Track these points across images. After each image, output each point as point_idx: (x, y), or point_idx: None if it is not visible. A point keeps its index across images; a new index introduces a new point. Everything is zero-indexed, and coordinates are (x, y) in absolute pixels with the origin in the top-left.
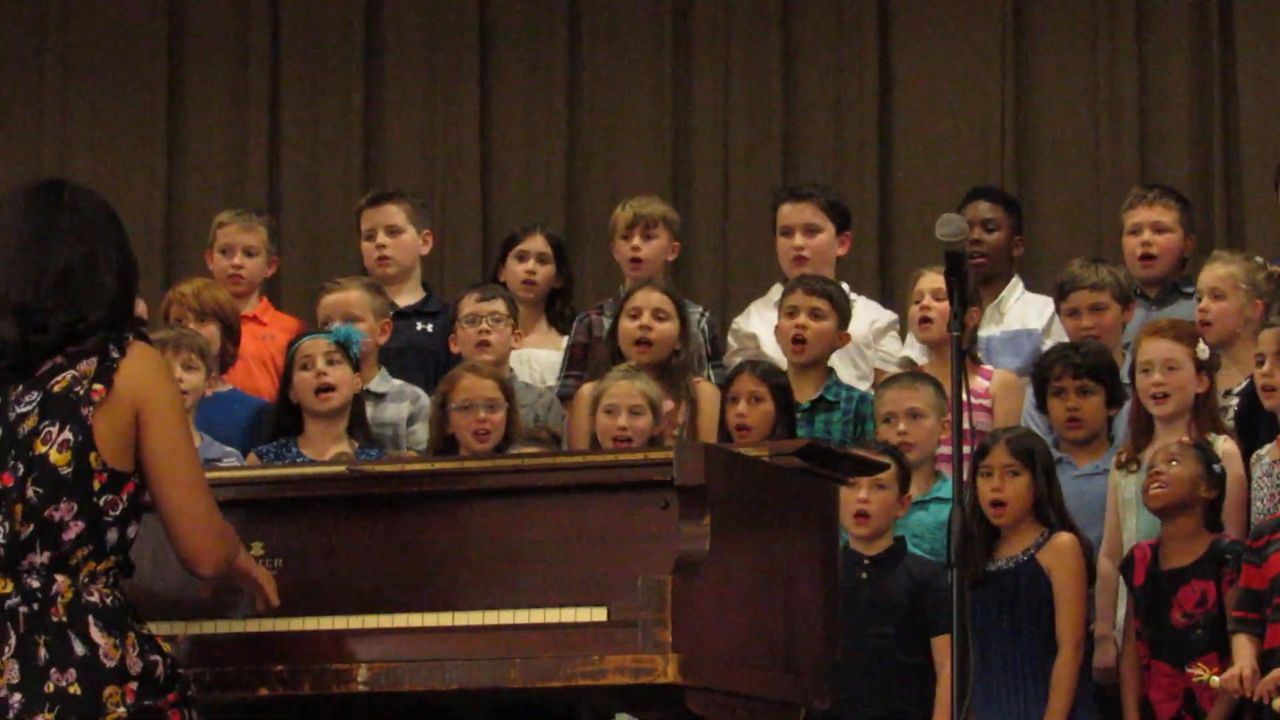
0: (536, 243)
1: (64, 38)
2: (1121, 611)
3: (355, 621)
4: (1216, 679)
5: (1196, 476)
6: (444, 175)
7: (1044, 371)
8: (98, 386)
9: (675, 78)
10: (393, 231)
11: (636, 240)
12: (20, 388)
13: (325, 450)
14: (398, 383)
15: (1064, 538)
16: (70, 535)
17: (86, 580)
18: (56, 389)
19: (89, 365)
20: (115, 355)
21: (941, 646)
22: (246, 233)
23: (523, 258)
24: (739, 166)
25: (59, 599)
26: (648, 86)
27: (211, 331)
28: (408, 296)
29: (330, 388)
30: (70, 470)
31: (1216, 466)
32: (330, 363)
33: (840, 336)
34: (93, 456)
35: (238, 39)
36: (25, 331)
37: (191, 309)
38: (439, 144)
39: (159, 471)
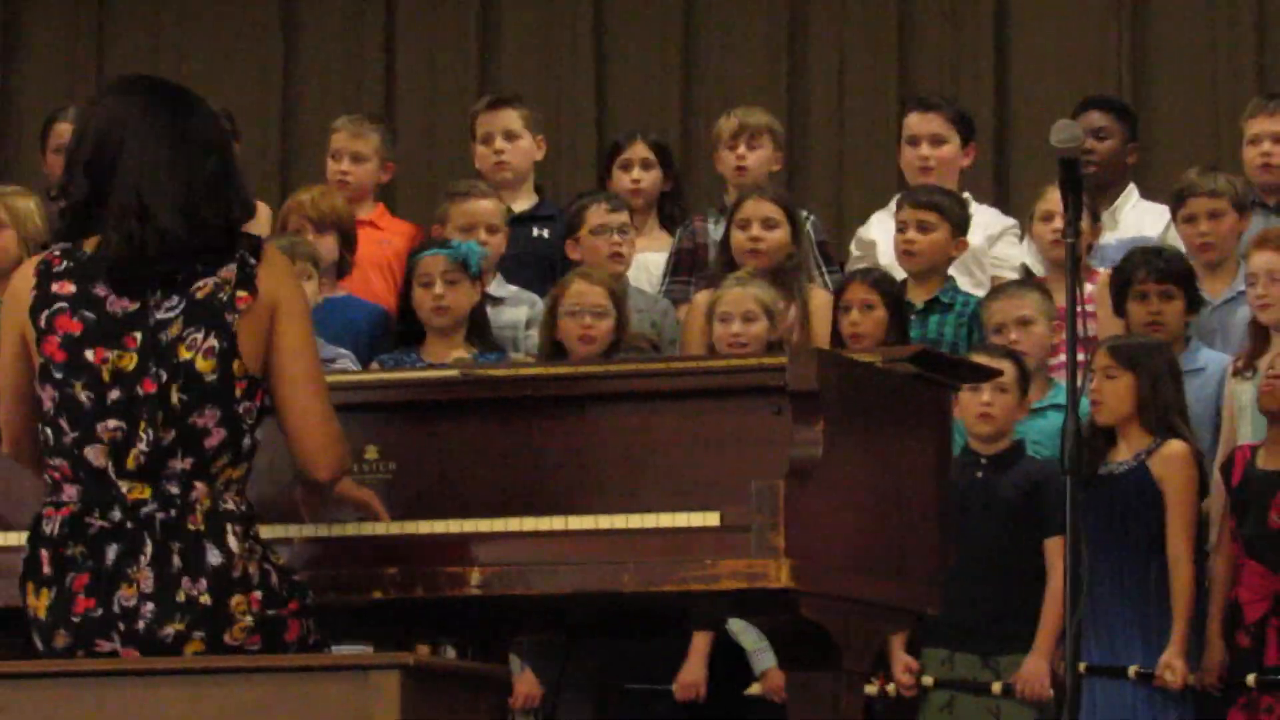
0: (639, 150)
1: None
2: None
3: (469, 525)
4: None
5: None
6: (559, 80)
7: (1125, 275)
8: (242, 294)
9: None
10: (510, 136)
11: (741, 149)
12: (159, 294)
13: (446, 357)
14: (514, 288)
15: (1175, 445)
16: (213, 442)
17: (223, 488)
18: (200, 295)
19: (229, 272)
20: (252, 261)
21: (1053, 549)
22: (355, 139)
23: (627, 166)
24: (854, 75)
25: (198, 506)
26: None
27: (329, 240)
28: (523, 201)
29: (446, 309)
30: (215, 377)
31: None
32: (448, 283)
33: (957, 245)
34: (236, 364)
35: None
36: (190, 230)
37: (309, 218)
38: (554, 49)
39: (286, 372)
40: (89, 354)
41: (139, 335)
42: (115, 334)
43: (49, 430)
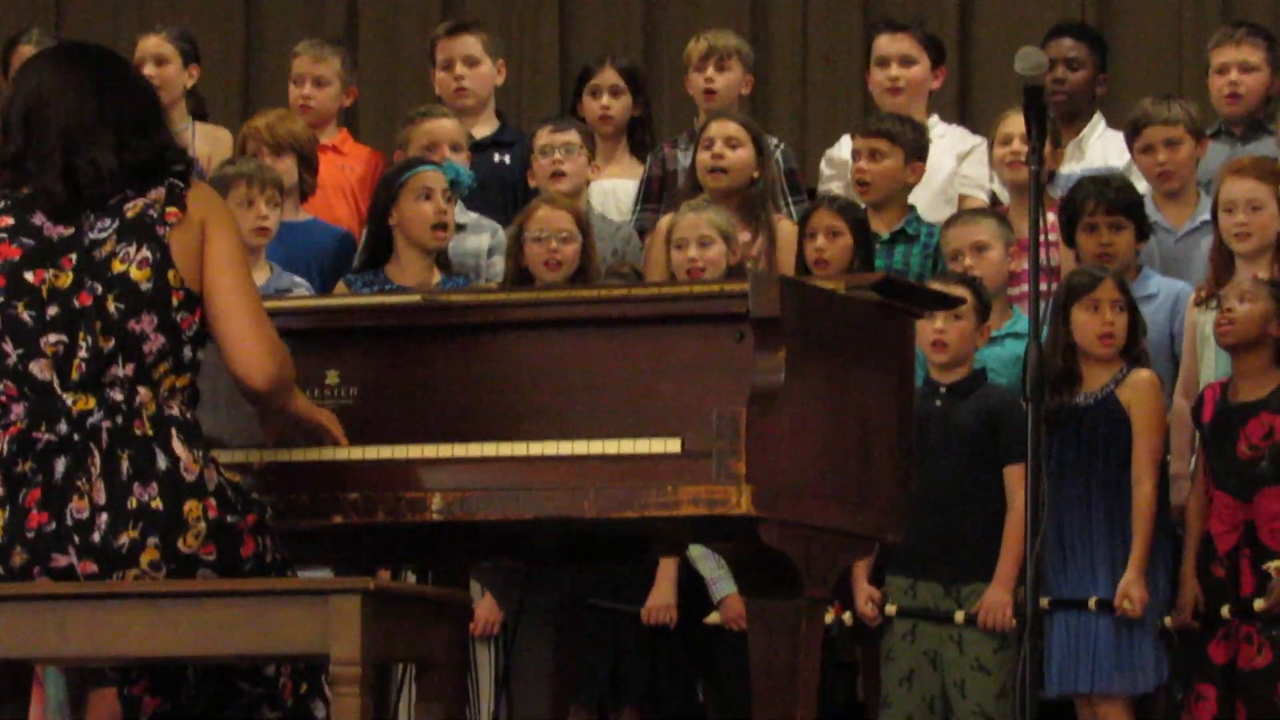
0: (608, 76)
1: None
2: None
3: (430, 450)
4: None
5: (1267, 314)
6: (522, 5)
7: (1074, 206)
8: (171, 209)
9: None
10: (470, 62)
11: (710, 72)
12: (93, 216)
13: (417, 278)
14: (474, 215)
15: (1143, 373)
16: (152, 348)
17: (167, 394)
18: (130, 214)
19: (158, 193)
20: (181, 185)
21: (1013, 476)
22: (317, 63)
23: (596, 93)
24: (817, 0)
25: (143, 411)
26: None
27: (288, 163)
28: (483, 127)
29: (446, 225)
30: (150, 285)
31: None
32: (447, 199)
33: (912, 170)
34: (171, 274)
35: None
36: (122, 158)
37: (266, 142)
38: None
39: (216, 281)
40: (29, 275)
41: (74, 256)
42: (52, 256)
43: None
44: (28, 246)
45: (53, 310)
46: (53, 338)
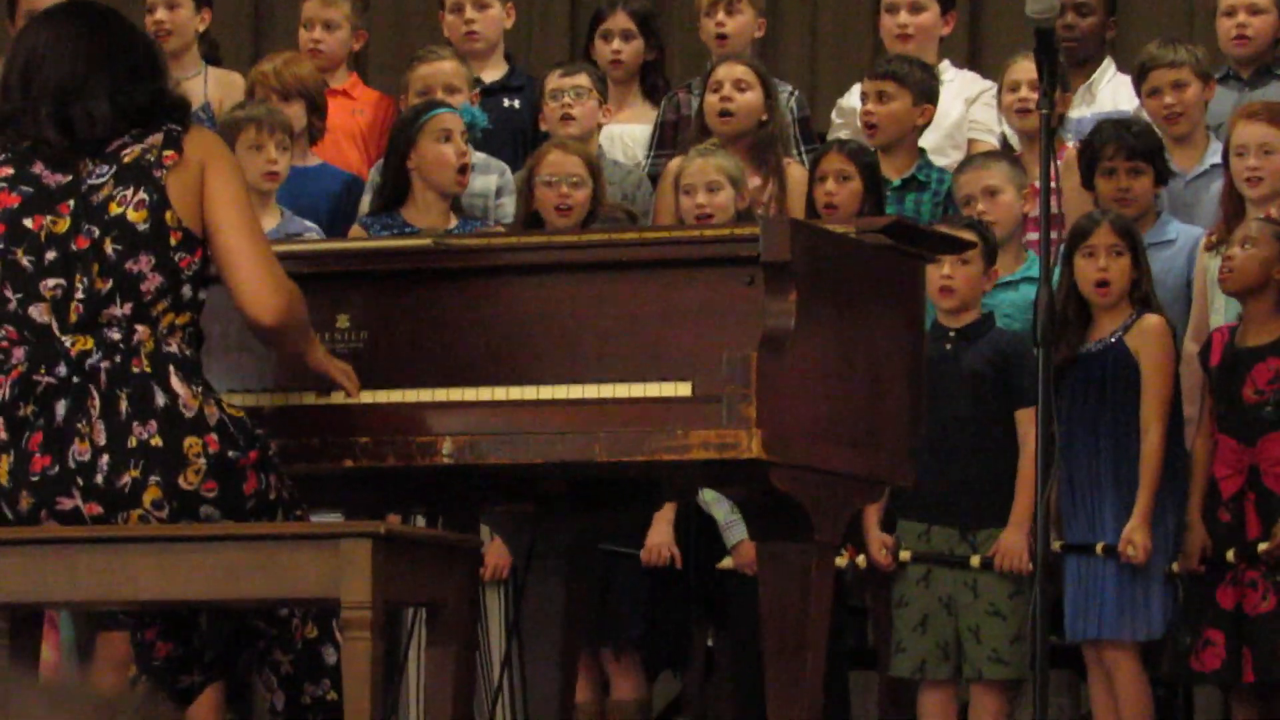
0: (619, 20)
1: None
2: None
3: (440, 394)
4: None
5: (1269, 259)
6: None
7: (1093, 149)
8: (169, 152)
9: None
10: (480, 5)
11: (721, 16)
12: (90, 162)
13: (434, 221)
14: (482, 155)
15: (1151, 319)
16: (150, 287)
17: (165, 331)
18: (128, 159)
19: (155, 138)
20: (178, 130)
21: (1025, 419)
22: (326, 7)
23: (607, 37)
24: None
25: (141, 349)
26: None
27: (296, 107)
28: (492, 71)
29: (467, 167)
30: (147, 227)
31: None
32: (466, 141)
33: (921, 112)
34: (168, 214)
35: None
36: (116, 105)
37: (273, 87)
38: None
39: (219, 219)
40: (27, 221)
41: (72, 202)
42: (51, 202)
43: None
44: (26, 194)
45: (51, 255)
46: (51, 281)
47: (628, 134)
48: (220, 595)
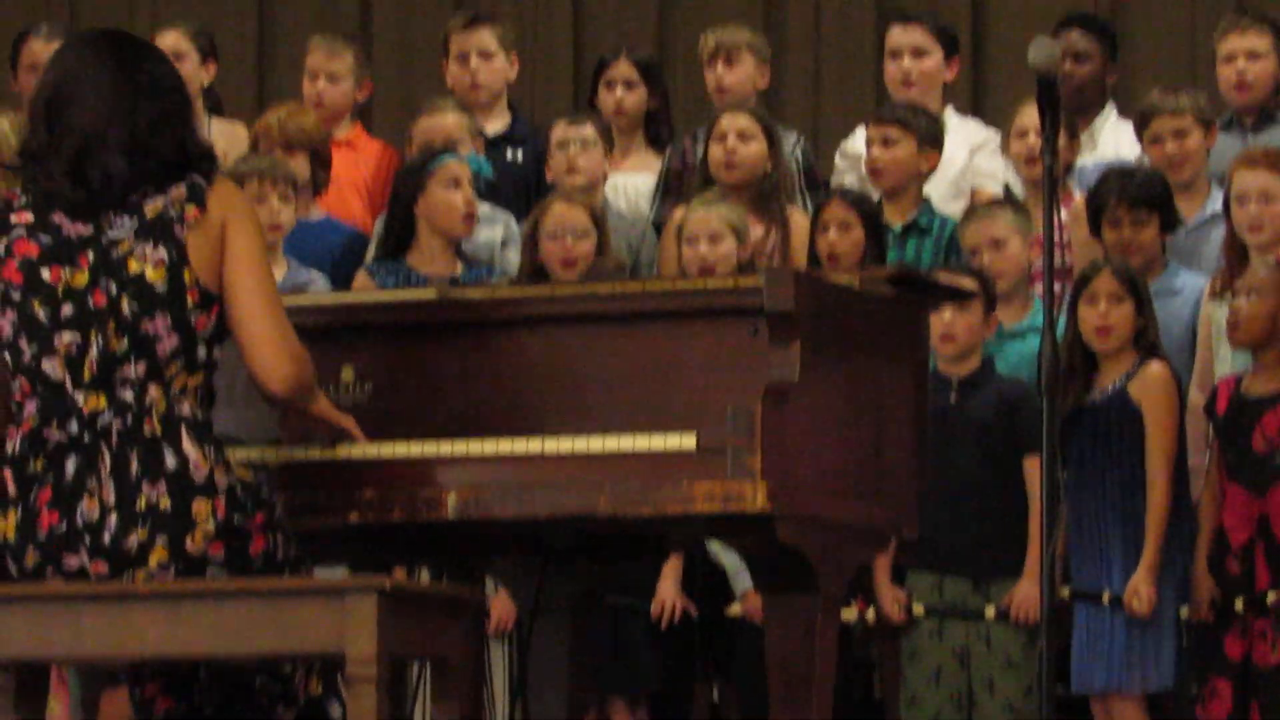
0: (622, 69)
1: None
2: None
3: (445, 448)
4: None
5: (1274, 311)
6: None
7: (1098, 200)
8: (191, 208)
9: None
10: (485, 56)
11: (719, 68)
12: (113, 214)
13: (440, 268)
14: (487, 206)
15: (1154, 367)
16: (165, 348)
17: (178, 393)
18: (150, 214)
19: (179, 191)
20: (202, 183)
21: (1033, 467)
22: (331, 58)
23: (611, 85)
24: None
25: (153, 410)
26: None
27: (300, 159)
28: (496, 122)
29: (474, 216)
30: (165, 286)
31: None
32: (473, 189)
33: (926, 159)
34: (186, 273)
35: None
36: (134, 161)
37: (277, 139)
38: None
39: (237, 281)
40: (45, 273)
41: (91, 254)
42: (70, 254)
43: (9, 355)
44: (45, 244)
45: (68, 309)
46: (66, 336)
47: (632, 183)
48: (225, 651)
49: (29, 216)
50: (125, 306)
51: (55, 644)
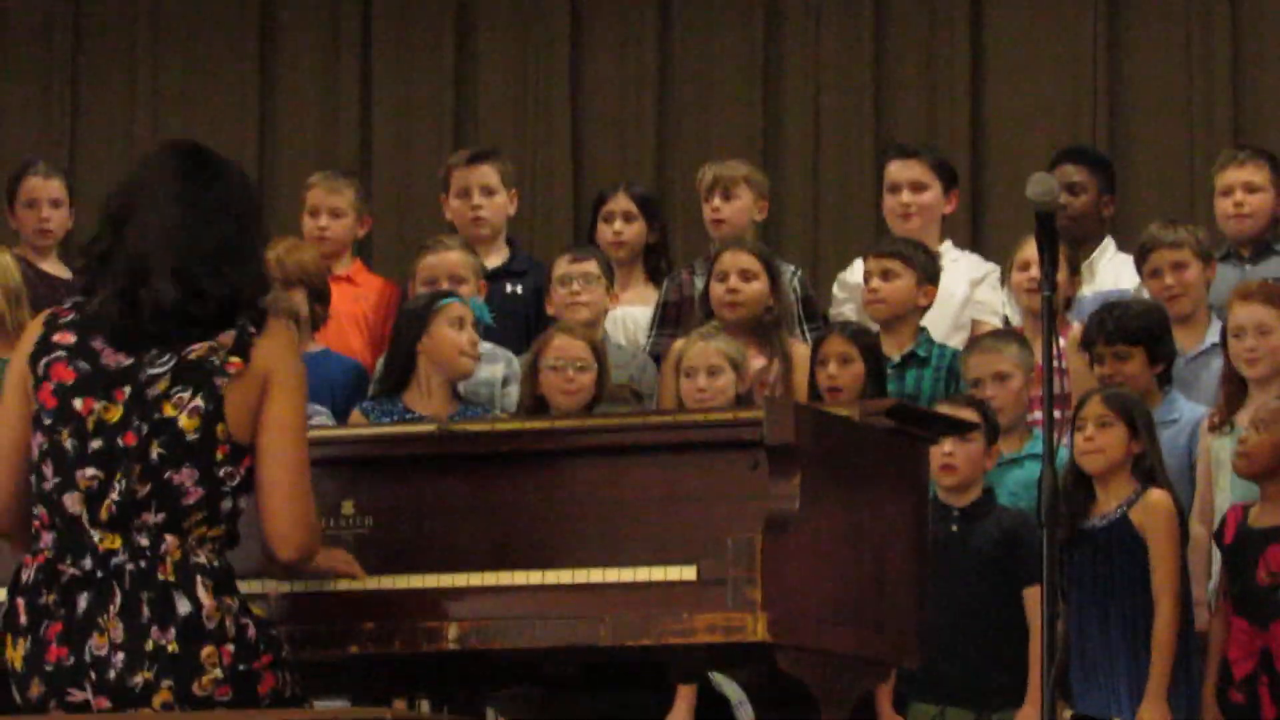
0: (621, 202)
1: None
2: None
3: (445, 580)
4: None
5: None
6: (535, 134)
7: (1088, 336)
8: (235, 360)
9: (766, 37)
10: (487, 192)
11: (717, 202)
12: (155, 350)
13: (437, 407)
14: (489, 345)
15: (1155, 495)
16: (189, 500)
17: (195, 544)
18: (193, 356)
19: (227, 337)
20: (252, 330)
21: (1034, 597)
22: (332, 194)
23: (609, 219)
24: (830, 125)
25: (168, 558)
26: (739, 45)
27: (298, 295)
28: (495, 258)
29: (477, 356)
30: (197, 437)
31: None
32: (477, 331)
33: (924, 293)
34: (220, 428)
35: (329, 1)
36: (185, 297)
37: (275, 275)
38: (530, 103)
39: (270, 446)
40: (78, 403)
41: (128, 389)
42: (106, 386)
43: (34, 477)
44: (83, 371)
45: (95, 444)
46: (89, 472)
47: (629, 316)
48: None
49: (71, 338)
50: (153, 452)
51: None
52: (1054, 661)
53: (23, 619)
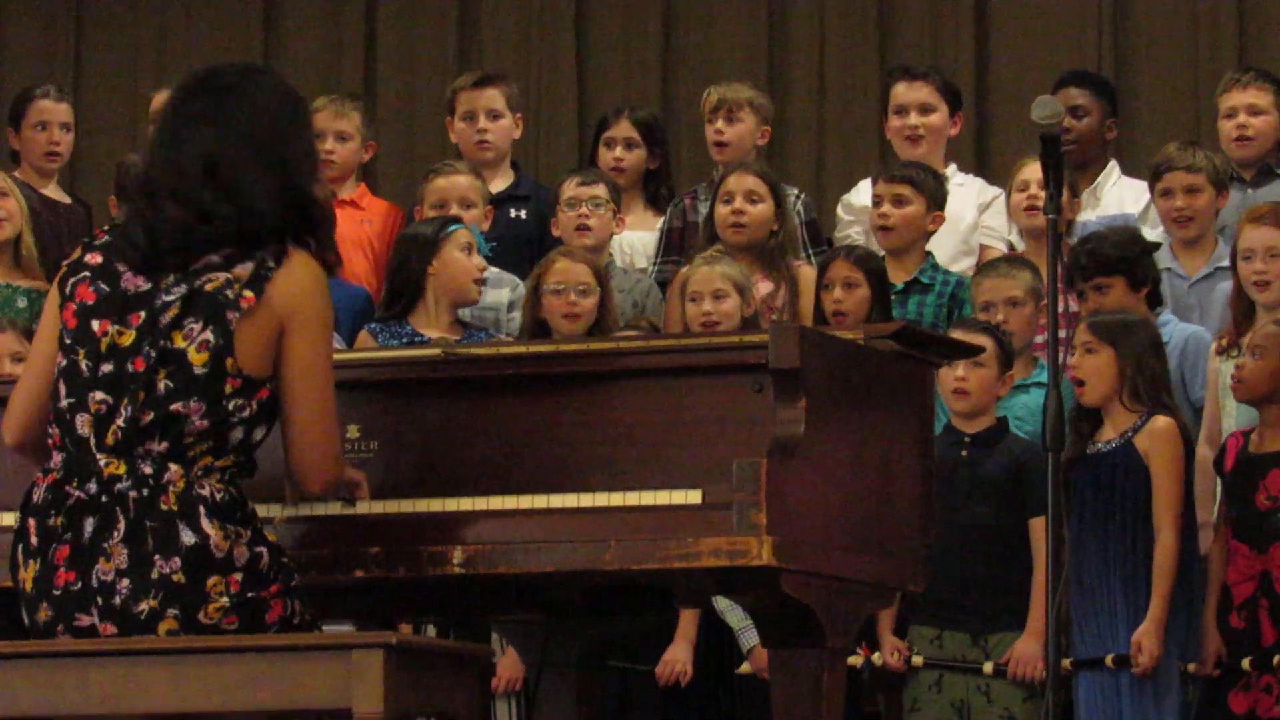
0: (623, 128)
1: None
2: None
3: (450, 504)
4: None
5: (1277, 369)
6: (539, 57)
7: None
8: (248, 294)
9: None
10: (493, 115)
11: (720, 124)
12: (171, 278)
13: (443, 330)
14: (495, 269)
15: (1160, 421)
16: (193, 430)
17: (200, 474)
18: (207, 287)
19: (244, 270)
20: (271, 264)
21: (1039, 528)
22: (338, 118)
23: (610, 144)
24: (834, 48)
25: (170, 487)
26: None
27: None
28: (500, 181)
29: (485, 280)
30: (205, 371)
31: None
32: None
33: (932, 219)
34: (229, 361)
35: None
36: (190, 218)
37: None
38: (534, 24)
39: (293, 387)
40: (95, 324)
41: (143, 314)
42: (122, 310)
43: (53, 396)
44: (102, 293)
45: (107, 367)
46: (99, 395)
47: (628, 241)
48: (232, 706)
49: (99, 259)
50: (160, 382)
51: (63, 701)
52: (1057, 594)
53: (34, 539)
